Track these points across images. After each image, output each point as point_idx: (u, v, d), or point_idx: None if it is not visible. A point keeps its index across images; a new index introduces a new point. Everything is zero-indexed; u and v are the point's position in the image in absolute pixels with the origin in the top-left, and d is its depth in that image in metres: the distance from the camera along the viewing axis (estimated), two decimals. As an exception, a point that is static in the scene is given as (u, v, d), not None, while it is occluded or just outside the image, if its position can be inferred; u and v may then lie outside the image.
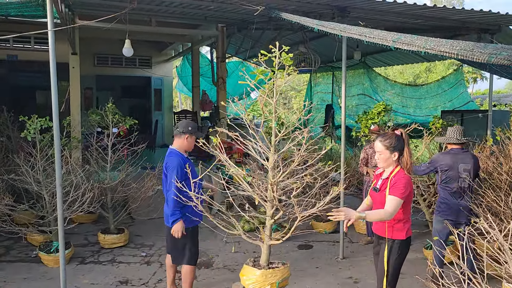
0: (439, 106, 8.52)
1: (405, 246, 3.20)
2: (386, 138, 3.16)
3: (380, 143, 3.17)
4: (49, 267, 4.97)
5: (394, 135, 3.18)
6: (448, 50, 2.98)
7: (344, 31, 3.55)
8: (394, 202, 3.01)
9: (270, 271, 3.24)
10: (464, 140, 4.47)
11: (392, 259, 3.16)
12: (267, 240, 3.29)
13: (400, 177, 3.09)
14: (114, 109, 5.66)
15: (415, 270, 4.96)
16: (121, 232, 5.76)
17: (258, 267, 3.31)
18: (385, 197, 3.10)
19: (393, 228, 3.15)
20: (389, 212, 3.00)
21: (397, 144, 3.13)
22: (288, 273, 3.39)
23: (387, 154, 3.14)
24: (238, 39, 9.75)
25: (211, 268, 5.02)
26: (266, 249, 3.33)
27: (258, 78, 3.30)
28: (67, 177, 5.08)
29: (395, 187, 3.05)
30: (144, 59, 13.96)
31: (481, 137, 6.65)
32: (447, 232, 4.43)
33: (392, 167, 3.17)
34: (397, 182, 3.07)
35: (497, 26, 6.31)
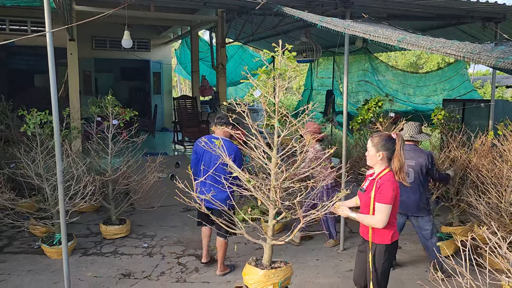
0: (441, 94, 8.47)
1: (391, 250, 3.18)
2: (376, 137, 3.15)
3: (369, 140, 3.19)
4: (52, 259, 5.01)
5: (386, 135, 3.13)
6: (454, 52, 2.93)
7: (348, 29, 3.48)
8: (382, 209, 3.00)
9: (272, 271, 3.27)
10: (417, 138, 4.50)
11: (378, 264, 3.14)
12: (270, 240, 3.31)
13: (386, 180, 3.03)
14: (114, 101, 5.60)
15: (415, 261, 5.03)
16: (122, 223, 5.80)
17: (260, 266, 3.33)
18: (369, 198, 3.09)
19: (378, 233, 3.11)
20: (379, 219, 3.00)
21: (384, 144, 3.08)
22: (290, 272, 3.43)
23: (373, 151, 3.13)
24: (239, 23, 9.61)
25: (212, 261, 5.07)
26: (268, 249, 3.35)
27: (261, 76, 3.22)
28: (68, 170, 5.07)
29: (382, 192, 3.00)
30: (142, 42, 13.79)
31: (483, 128, 6.64)
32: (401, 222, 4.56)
33: (380, 168, 3.12)
34: (383, 185, 3.01)
35: (502, 15, 6.20)
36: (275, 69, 3.05)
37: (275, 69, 3.06)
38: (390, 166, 3.11)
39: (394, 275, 4.66)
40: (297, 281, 4.50)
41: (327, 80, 11.26)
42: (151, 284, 4.46)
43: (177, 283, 4.48)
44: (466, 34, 7.36)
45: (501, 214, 4.30)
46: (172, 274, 4.67)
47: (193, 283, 4.48)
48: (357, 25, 3.54)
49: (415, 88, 9.43)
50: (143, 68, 14.32)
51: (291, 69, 2.92)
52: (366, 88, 10.00)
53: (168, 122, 14.34)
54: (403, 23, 7.07)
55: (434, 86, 8.60)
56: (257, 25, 8.69)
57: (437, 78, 9.00)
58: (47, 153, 5.06)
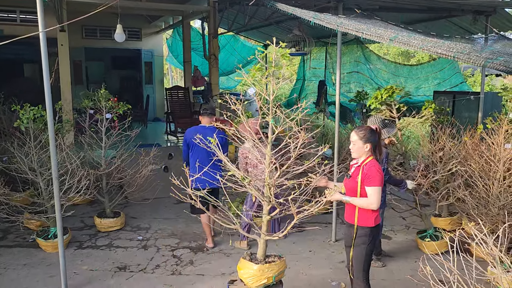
0: (432, 85, 8.56)
1: (375, 233, 3.39)
2: (361, 130, 3.36)
3: (355, 134, 3.36)
4: (48, 252, 5.05)
5: (369, 128, 3.37)
6: (445, 52, 2.99)
7: (341, 27, 3.51)
8: (374, 191, 3.21)
9: (267, 265, 3.35)
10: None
11: (362, 246, 3.36)
12: (264, 236, 3.38)
13: (372, 165, 3.26)
14: (107, 94, 5.59)
15: (405, 252, 5.16)
16: (117, 216, 5.84)
17: (255, 261, 3.41)
18: (356, 184, 3.30)
19: (363, 216, 3.34)
20: (373, 201, 3.22)
21: (369, 136, 3.31)
22: (284, 266, 3.51)
23: (360, 144, 3.32)
24: (231, 13, 9.56)
25: (206, 252, 5.15)
26: (263, 244, 3.43)
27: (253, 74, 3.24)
28: (62, 164, 5.08)
29: (370, 176, 3.23)
30: (133, 31, 13.65)
31: (473, 120, 6.75)
32: None
33: (365, 157, 3.35)
34: (369, 170, 3.24)
35: (492, 8, 6.26)
36: (269, 66, 3.07)
37: (269, 66, 3.08)
38: (373, 155, 3.36)
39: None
40: (290, 273, 4.59)
41: (320, 71, 11.29)
42: (147, 276, 4.53)
43: (172, 275, 4.56)
44: (457, 26, 7.42)
45: (489, 208, 4.41)
46: (167, 266, 4.75)
47: (188, 276, 4.55)
48: (350, 23, 3.57)
49: (406, 78, 9.52)
50: (134, 58, 14.22)
51: (285, 66, 2.94)
52: (357, 78, 10.06)
53: (160, 112, 14.31)
54: (395, 15, 7.10)
55: (426, 78, 8.68)
56: (250, 16, 8.65)
57: (428, 69, 9.08)
58: (40, 147, 5.06)
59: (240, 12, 8.87)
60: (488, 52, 2.89)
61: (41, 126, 4.98)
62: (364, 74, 9.67)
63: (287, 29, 9.21)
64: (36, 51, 3.76)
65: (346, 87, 10.60)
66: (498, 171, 4.57)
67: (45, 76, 3.80)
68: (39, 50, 3.70)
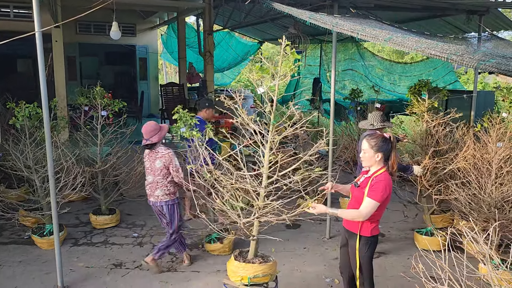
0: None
1: (373, 243, 3.29)
2: (373, 138, 3.18)
3: (366, 142, 3.20)
4: (43, 249, 5.06)
5: (381, 136, 3.20)
6: (439, 53, 3.04)
7: (337, 27, 3.55)
8: (370, 205, 3.08)
9: (243, 265, 3.43)
10: (379, 125, 4.81)
11: (361, 254, 3.26)
12: (253, 237, 3.46)
13: (381, 179, 3.12)
14: (103, 92, 5.59)
15: (398, 249, 5.23)
16: (112, 213, 5.85)
17: (239, 259, 3.51)
18: (363, 194, 3.17)
19: (362, 225, 3.22)
20: (363, 213, 3.09)
21: (382, 145, 3.15)
22: (268, 269, 3.44)
23: (371, 153, 3.16)
24: (227, 10, 9.55)
25: (202, 249, 5.19)
26: (253, 244, 3.51)
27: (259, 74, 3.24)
28: (57, 162, 5.08)
29: (375, 189, 3.09)
30: (128, 27, 13.60)
31: (465, 119, 6.82)
32: None
33: (377, 168, 3.20)
34: (377, 184, 3.10)
35: (485, 8, 6.33)
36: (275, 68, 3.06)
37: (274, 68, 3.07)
38: (386, 166, 3.19)
39: (378, 262, 4.85)
40: (285, 269, 4.65)
41: (314, 68, 11.33)
42: (143, 273, 4.56)
43: (168, 272, 4.59)
44: (451, 25, 7.49)
45: (480, 205, 4.48)
46: (163, 263, 4.77)
47: (183, 272, 4.59)
48: (345, 23, 3.61)
49: (400, 76, 9.58)
50: (129, 54, 14.17)
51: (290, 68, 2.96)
52: (352, 75, 10.11)
53: (155, 108, 14.28)
54: (390, 13, 7.15)
55: (420, 76, 8.74)
56: (245, 13, 8.66)
57: (422, 67, 9.14)
58: (36, 145, 5.06)
59: (235, 9, 8.88)
60: (481, 54, 2.94)
61: (36, 123, 4.97)
62: (358, 71, 9.72)
63: (283, 26, 9.24)
64: (30, 47, 3.76)
65: (340, 84, 10.66)
66: (491, 169, 4.65)
67: (41, 74, 3.80)
68: (32, 45, 3.69)
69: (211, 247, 5.02)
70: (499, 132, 4.81)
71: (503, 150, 4.63)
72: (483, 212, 4.52)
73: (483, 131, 5.17)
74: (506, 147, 4.66)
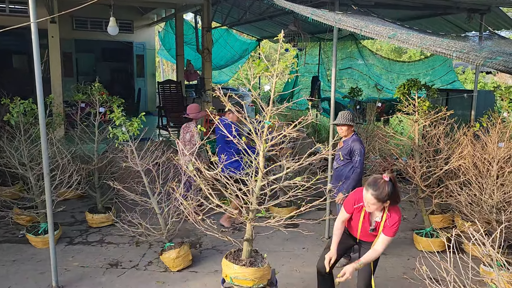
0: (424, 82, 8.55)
1: None
2: (377, 190, 2.96)
3: (372, 196, 2.98)
4: (38, 248, 4.97)
5: (385, 184, 2.96)
6: (444, 51, 2.97)
7: (339, 23, 3.48)
8: (387, 241, 3.14)
9: (226, 262, 3.44)
10: (349, 122, 4.66)
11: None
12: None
13: (396, 220, 3.10)
14: (101, 88, 5.50)
15: (398, 249, 5.17)
16: (108, 211, 5.77)
17: (229, 258, 3.49)
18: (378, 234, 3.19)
19: None
20: (379, 251, 3.17)
21: (389, 192, 2.98)
22: (252, 274, 3.36)
23: (379, 205, 3.03)
24: (225, 7, 9.46)
25: (199, 249, 5.12)
26: (246, 246, 3.45)
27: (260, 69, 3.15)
28: (52, 159, 4.99)
29: (391, 228, 3.10)
30: (125, 23, 13.46)
31: (466, 118, 6.78)
32: None
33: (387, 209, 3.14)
34: (393, 221, 3.10)
35: (486, 7, 6.27)
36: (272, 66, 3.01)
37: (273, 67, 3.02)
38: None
39: (378, 263, 4.79)
40: (284, 270, 4.59)
41: (313, 66, 11.26)
42: (139, 273, 4.48)
43: (165, 272, 4.52)
44: (452, 24, 7.43)
45: (481, 206, 4.43)
46: (160, 263, 4.70)
47: (181, 272, 4.52)
48: (348, 19, 3.54)
49: (398, 74, 9.53)
50: (126, 50, 14.05)
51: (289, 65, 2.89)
52: (351, 73, 10.05)
53: (152, 105, 14.18)
54: (391, 12, 7.09)
55: (417, 75, 8.69)
56: (244, 10, 8.58)
57: (421, 66, 9.09)
58: (31, 142, 4.96)
59: (234, 6, 8.79)
60: (487, 51, 2.87)
61: (31, 120, 4.88)
62: (357, 69, 9.66)
63: (282, 24, 9.16)
64: (26, 42, 3.68)
65: (339, 82, 10.59)
66: (491, 170, 4.59)
67: (37, 69, 3.71)
68: (28, 41, 3.61)
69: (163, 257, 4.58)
70: (499, 131, 4.76)
71: (503, 150, 4.58)
72: (484, 213, 4.47)
73: (483, 131, 5.12)
74: (507, 147, 4.61)
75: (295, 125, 3.02)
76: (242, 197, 3.24)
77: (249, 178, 3.26)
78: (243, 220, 3.29)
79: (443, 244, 4.97)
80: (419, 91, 5.29)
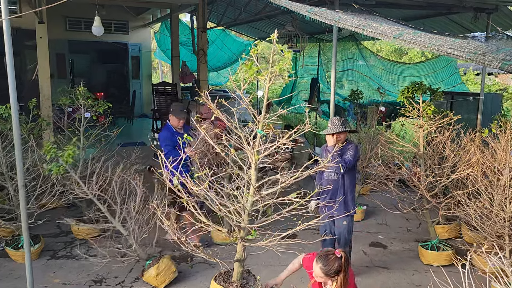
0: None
1: None
2: (327, 266, 2.86)
3: (320, 271, 2.88)
4: (18, 262, 4.66)
5: (335, 260, 2.86)
6: (456, 52, 2.66)
7: (339, 22, 3.17)
8: None
9: (215, 285, 3.16)
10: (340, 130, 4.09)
11: None
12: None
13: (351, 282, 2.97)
14: (86, 92, 5.20)
15: (402, 263, 4.86)
16: (95, 222, 5.44)
17: (220, 279, 3.21)
18: None
19: None
20: None
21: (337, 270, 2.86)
22: None
23: (326, 278, 2.92)
24: (221, 7, 9.17)
25: (191, 263, 4.81)
26: (237, 268, 3.15)
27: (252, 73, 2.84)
28: (34, 168, 4.69)
29: None
30: (120, 24, 13.17)
31: (471, 122, 6.47)
32: None
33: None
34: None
35: (494, 6, 5.98)
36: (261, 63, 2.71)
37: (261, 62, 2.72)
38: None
39: (381, 278, 4.49)
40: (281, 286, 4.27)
41: (312, 68, 10.96)
42: (124, 291, 4.17)
43: (152, 290, 4.21)
44: (457, 24, 7.14)
45: (493, 220, 4.12)
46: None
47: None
48: (349, 18, 3.24)
49: (398, 76, 9.24)
50: (121, 51, 13.74)
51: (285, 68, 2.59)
52: (351, 75, 9.76)
53: (148, 108, 13.88)
54: (393, 11, 6.79)
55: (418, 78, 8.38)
56: (240, 10, 8.28)
57: (421, 69, 8.80)
58: (9, 150, 4.65)
59: (230, 5, 8.50)
60: (505, 52, 2.57)
61: (10, 126, 4.57)
62: (358, 71, 9.35)
63: (280, 24, 8.86)
64: (16, 44, 3.37)
65: (339, 84, 10.29)
66: (502, 179, 4.28)
67: (9, 69, 3.42)
68: (18, 42, 3.32)
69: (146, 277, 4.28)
70: (510, 138, 4.45)
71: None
72: (495, 227, 4.16)
73: (492, 137, 4.81)
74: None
75: (290, 135, 2.70)
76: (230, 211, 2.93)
77: (240, 193, 2.96)
78: (232, 241, 2.98)
79: (451, 258, 4.67)
80: (423, 95, 4.96)
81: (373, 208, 6.50)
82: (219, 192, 2.93)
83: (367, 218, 6.32)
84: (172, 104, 5.40)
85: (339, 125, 4.08)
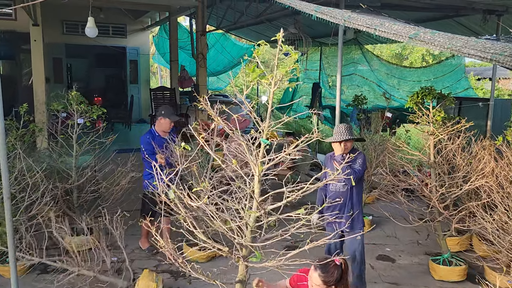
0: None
1: None
2: (326, 273, 2.76)
3: (318, 278, 2.76)
4: (6, 278, 4.41)
5: (335, 268, 2.76)
6: (480, 54, 2.42)
7: (349, 21, 2.94)
8: None
9: None
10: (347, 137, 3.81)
11: None
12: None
13: None
14: (79, 97, 4.96)
15: (412, 278, 4.60)
16: (89, 234, 5.20)
17: None
18: None
19: None
20: None
21: (337, 278, 2.76)
22: None
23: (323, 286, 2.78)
24: (221, 10, 8.96)
25: (189, 278, 4.55)
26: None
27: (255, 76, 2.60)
28: (22, 177, 4.44)
29: None
30: (118, 28, 12.96)
31: (480, 128, 6.22)
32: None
33: None
34: None
35: (504, 8, 5.77)
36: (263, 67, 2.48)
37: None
38: None
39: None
40: (283, 305, 4.01)
41: (313, 73, 10.73)
42: (118, 309, 3.91)
43: (147, 307, 3.94)
44: (464, 27, 6.93)
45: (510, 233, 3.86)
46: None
47: (165, 308, 3.95)
48: (359, 17, 3.00)
49: (399, 80, 9.03)
50: (119, 55, 13.52)
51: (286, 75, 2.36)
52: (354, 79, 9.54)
53: (146, 113, 13.64)
54: (399, 13, 6.57)
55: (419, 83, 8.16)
56: (240, 12, 8.07)
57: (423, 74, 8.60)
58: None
59: (230, 8, 8.29)
60: (535, 54, 2.33)
61: None
62: (361, 75, 9.13)
63: (281, 27, 8.64)
64: (12, 48, 3.12)
65: (344, 92, 10.05)
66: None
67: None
68: (14, 47, 3.08)
69: None
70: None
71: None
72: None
73: (505, 145, 4.57)
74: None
75: (297, 145, 2.45)
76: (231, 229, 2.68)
77: (243, 208, 2.70)
78: (235, 261, 2.72)
79: (464, 273, 4.41)
80: (433, 100, 4.72)
81: (378, 218, 6.24)
82: (220, 207, 2.68)
83: (372, 228, 6.06)
84: (161, 107, 5.24)
85: (346, 133, 3.83)
